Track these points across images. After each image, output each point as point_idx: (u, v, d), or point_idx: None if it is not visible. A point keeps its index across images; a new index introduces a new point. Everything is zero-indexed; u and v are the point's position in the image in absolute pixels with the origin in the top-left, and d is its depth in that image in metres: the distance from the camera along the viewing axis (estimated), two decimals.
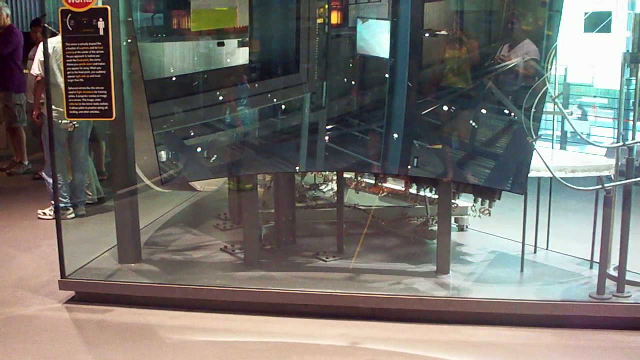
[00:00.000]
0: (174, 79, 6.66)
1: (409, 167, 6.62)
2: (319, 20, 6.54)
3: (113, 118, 6.41)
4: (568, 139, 9.77)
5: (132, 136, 7.08)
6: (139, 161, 7.37)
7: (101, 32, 6.18)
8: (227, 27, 6.64)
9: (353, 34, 6.65)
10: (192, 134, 6.68)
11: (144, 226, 8.21)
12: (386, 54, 6.43)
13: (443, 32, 6.42)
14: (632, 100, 7.09)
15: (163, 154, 6.63)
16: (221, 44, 6.60)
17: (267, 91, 6.61)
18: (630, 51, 6.81)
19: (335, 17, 6.71)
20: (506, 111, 6.25)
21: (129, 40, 6.65)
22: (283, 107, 6.74)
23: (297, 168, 7.00)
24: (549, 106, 6.70)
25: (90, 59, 6.24)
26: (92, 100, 6.32)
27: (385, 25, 6.42)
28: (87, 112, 6.38)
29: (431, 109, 6.46)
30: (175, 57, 6.74)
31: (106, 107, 6.31)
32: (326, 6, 6.60)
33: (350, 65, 6.81)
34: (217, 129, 6.73)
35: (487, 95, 6.34)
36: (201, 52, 6.70)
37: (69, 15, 6.18)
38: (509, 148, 6.26)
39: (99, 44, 6.20)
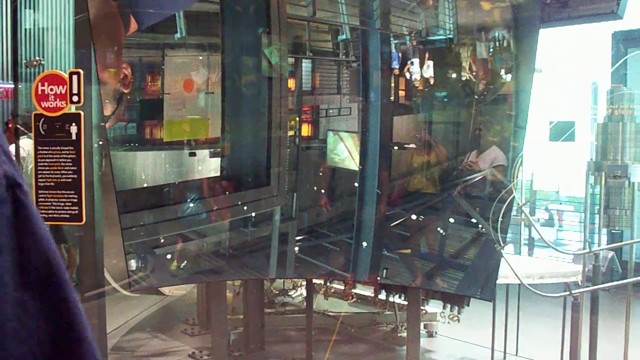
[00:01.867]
0: (145, 186, 6.68)
1: (379, 276, 6.64)
2: (290, 133, 6.64)
3: (83, 222, 6.37)
4: (536, 242, 9.88)
5: (102, 239, 7.04)
6: (107, 264, 7.31)
7: (74, 137, 6.19)
8: (199, 138, 6.71)
9: (323, 146, 6.76)
10: (162, 241, 6.66)
11: (111, 330, 8.10)
12: (356, 165, 6.53)
13: (412, 145, 6.54)
14: (597, 207, 7.21)
15: (133, 262, 6.59)
16: (193, 154, 6.65)
17: (238, 203, 6.65)
18: (594, 159, 6.96)
19: (306, 130, 6.83)
20: (474, 220, 6.33)
21: (101, 143, 6.68)
22: (253, 217, 6.76)
23: (267, 276, 7.00)
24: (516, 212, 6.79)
25: (62, 163, 6.23)
26: (62, 204, 6.28)
27: (355, 137, 6.55)
28: (57, 215, 6.34)
29: (400, 220, 6.53)
30: (147, 167, 6.78)
31: (76, 212, 6.27)
32: (297, 119, 6.71)
33: (321, 176, 6.90)
34: (188, 238, 6.72)
35: (455, 205, 6.42)
36: (173, 162, 6.74)
37: (42, 119, 6.20)
38: (477, 256, 6.31)
39: (71, 148, 6.20)
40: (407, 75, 6.37)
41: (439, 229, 6.54)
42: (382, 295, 8.21)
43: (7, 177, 0.76)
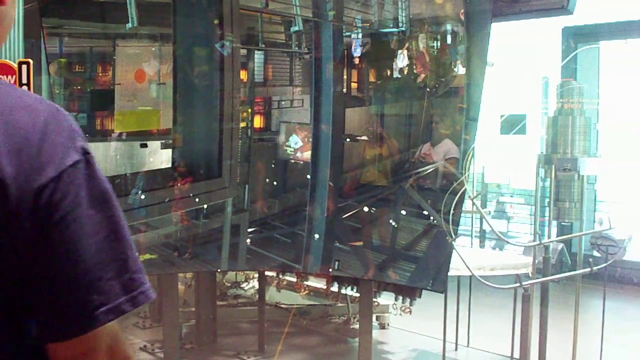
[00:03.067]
0: None
1: (331, 268, 6.64)
2: (242, 124, 6.61)
3: None
4: (487, 235, 9.96)
5: None
6: None
7: None
8: (150, 129, 6.64)
9: (276, 138, 6.74)
10: None
11: None
12: (308, 157, 6.52)
13: (364, 138, 6.55)
14: (547, 200, 7.28)
15: None
16: (144, 146, 6.58)
17: (189, 195, 6.59)
18: (544, 152, 7.02)
19: (258, 121, 6.80)
20: (426, 212, 6.36)
21: None
22: (205, 209, 6.72)
23: (219, 268, 6.96)
24: (467, 205, 6.84)
25: None
26: None
27: (308, 128, 6.54)
28: None
29: (353, 212, 6.54)
30: (97, 158, 6.67)
31: None
32: (249, 110, 6.67)
33: (273, 168, 6.88)
34: (138, 229, 6.64)
35: (407, 197, 6.44)
36: (124, 153, 6.65)
37: None
38: (429, 248, 6.34)
39: None
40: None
41: (391, 221, 6.55)
42: (335, 288, 8.21)
43: (82, 148, 1.35)
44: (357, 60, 6.48)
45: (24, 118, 1.33)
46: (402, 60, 6.29)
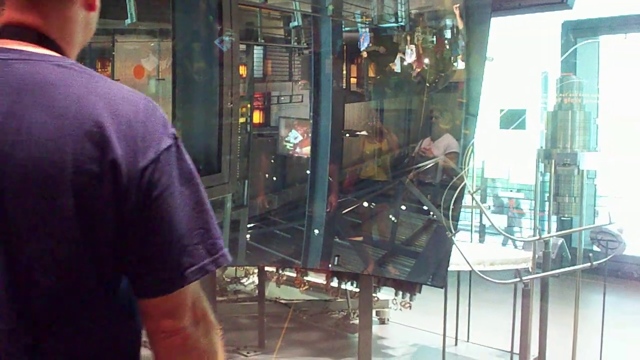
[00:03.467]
0: None
1: (330, 264, 6.63)
2: (241, 120, 6.59)
3: None
4: (487, 230, 9.96)
5: None
6: None
7: None
8: None
9: (275, 133, 6.73)
10: None
11: None
12: (307, 152, 6.51)
13: (363, 133, 6.53)
14: (547, 195, 7.26)
15: None
16: None
17: None
18: (544, 147, 7.00)
19: (257, 117, 6.78)
20: (426, 207, 6.34)
21: None
22: None
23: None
24: (467, 200, 6.83)
25: None
26: None
27: (307, 123, 6.53)
28: None
29: (352, 207, 6.53)
30: None
31: None
32: (248, 105, 6.66)
33: (272, 163, 6.87)
34: None
35: (407, 192, 6.43)
36: None
37: None
38: (429, 243, 6.33)
39: None
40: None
41: (390, 216, 6.54)
42: (334, 283, 8.21)
43: (173, 134, 1.61)
44: (357, 55, 6.47)
45: (127, 108, 1.57)
46: (410, 56, 6.27)
